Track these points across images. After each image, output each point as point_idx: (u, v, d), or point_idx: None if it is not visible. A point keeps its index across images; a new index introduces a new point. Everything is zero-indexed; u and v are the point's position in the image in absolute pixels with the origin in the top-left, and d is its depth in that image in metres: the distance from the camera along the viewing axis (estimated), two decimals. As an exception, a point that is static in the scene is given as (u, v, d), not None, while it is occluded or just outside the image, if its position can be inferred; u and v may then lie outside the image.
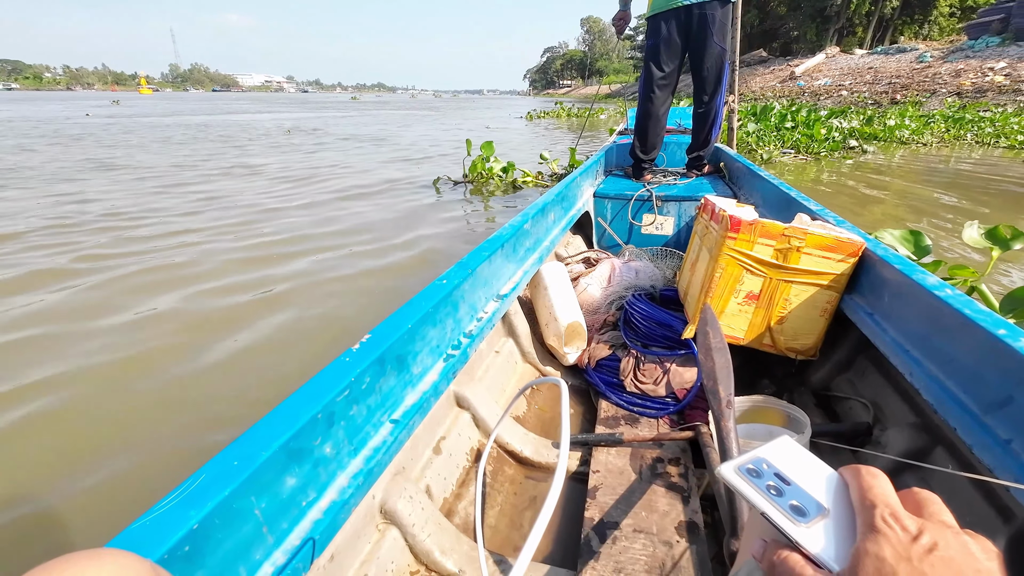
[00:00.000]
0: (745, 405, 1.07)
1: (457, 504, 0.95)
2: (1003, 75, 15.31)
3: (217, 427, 1.52)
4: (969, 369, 0.72)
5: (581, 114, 18.53)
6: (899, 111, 12.35)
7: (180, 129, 12.66)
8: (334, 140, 10.25)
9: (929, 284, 0.84)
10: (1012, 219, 3.76)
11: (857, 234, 1.12)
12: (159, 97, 59.09)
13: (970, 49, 18.91)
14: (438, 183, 5.31)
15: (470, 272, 1.02)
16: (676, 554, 0.82)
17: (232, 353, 1.94)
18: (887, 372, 1.04)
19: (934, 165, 6.43)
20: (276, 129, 13.06)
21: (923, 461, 0.83)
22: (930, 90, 16.43)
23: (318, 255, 3.03)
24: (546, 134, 11.81)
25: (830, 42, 29.44)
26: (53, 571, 0.29)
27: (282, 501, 0.56)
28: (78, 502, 1.26)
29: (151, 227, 3.59)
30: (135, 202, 4.36)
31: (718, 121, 2.52)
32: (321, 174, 5.94)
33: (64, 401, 1.63)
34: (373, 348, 0.72)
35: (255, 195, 4.70)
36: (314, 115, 20.51)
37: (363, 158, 7.46)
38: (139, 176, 5.71)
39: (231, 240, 3.31)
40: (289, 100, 50.15)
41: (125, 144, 9.07)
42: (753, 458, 0.35)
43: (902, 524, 0.28)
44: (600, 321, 1.52)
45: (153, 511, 0.45)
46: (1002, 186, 5.03)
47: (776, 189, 1.72)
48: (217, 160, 7.06)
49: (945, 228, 3.53)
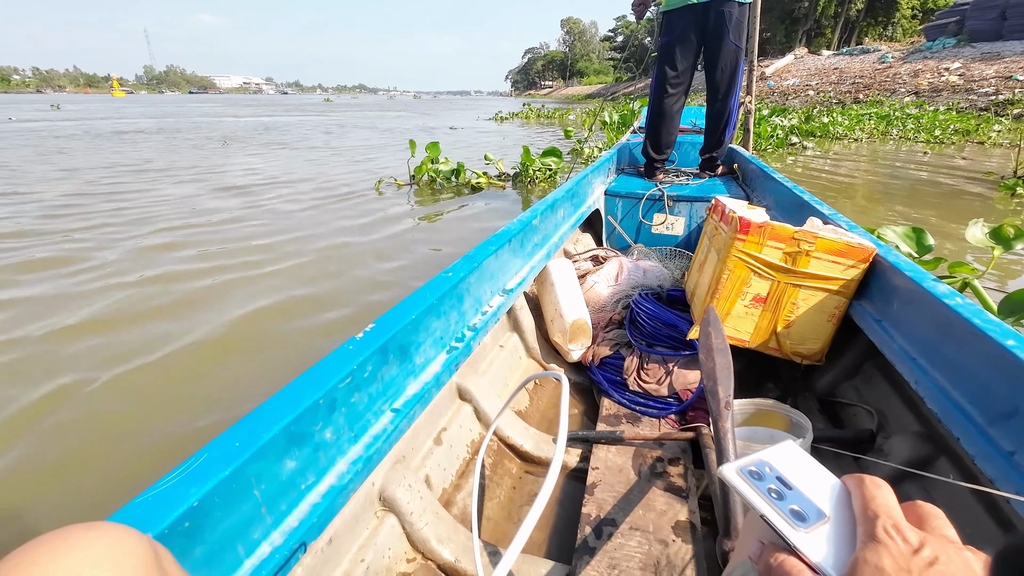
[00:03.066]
0: (748, 408, 1.06)
1: (456, 495, 0.96)
2: (957, 75, 16.20)
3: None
4: (976, 379, 0.71)
5: (551, 114, 18.44)
6: (843, 110, 13.77)
7: (102, 137, 10.68)
8: (265, 145, 9.18)
9: (939, 293, 0.82)
10: (911, 201, 4.47)
11: (869, 239, 1.11)
12: (128, 100, 54.85)
13: (928, 50, 20.04)
14: (380, 185, 5.09)
15: (476, 265, 1.03)
16: (671, 553, 0.82)
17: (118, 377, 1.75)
18: (893, 380, 1.03)
19: (862, 158, 7.37)
20: (236, 128, 12.42)
21: (925, 470, 0.82)
22: (890, 89, 17.20)
23: (221, 275, 2.67)
24: (510, 134, 11.57)
25: (799, 43, 29.96)
26: (52, 543, 0.30)
27: (282, 483, 0.57)
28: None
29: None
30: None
31: (732, 122, 2.49)
32: (254, 180, 5.46)
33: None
34: (377, 337, 0.73)
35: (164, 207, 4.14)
36: (274, 119, 18.75)
37: (305, 163, 6.99)
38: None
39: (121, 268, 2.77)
40: (259, 102, 47.02)
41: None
42: (756, 460, 0.35)
43: (904, 536, 0.28)
44: (606, 319, 1.52)
45: (154, 488, 0.46)
46: (910, 173, 5.90)
47: (789, 192, 1.70)
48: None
49: (859, 207, 4.23)
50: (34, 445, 1.46)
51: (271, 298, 2.42)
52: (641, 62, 54.54)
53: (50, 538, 0.30)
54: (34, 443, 1.47)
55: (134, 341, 2.01)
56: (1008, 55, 16.33)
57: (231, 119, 18.13)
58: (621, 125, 8.79)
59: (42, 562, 0.28)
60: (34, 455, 1.43)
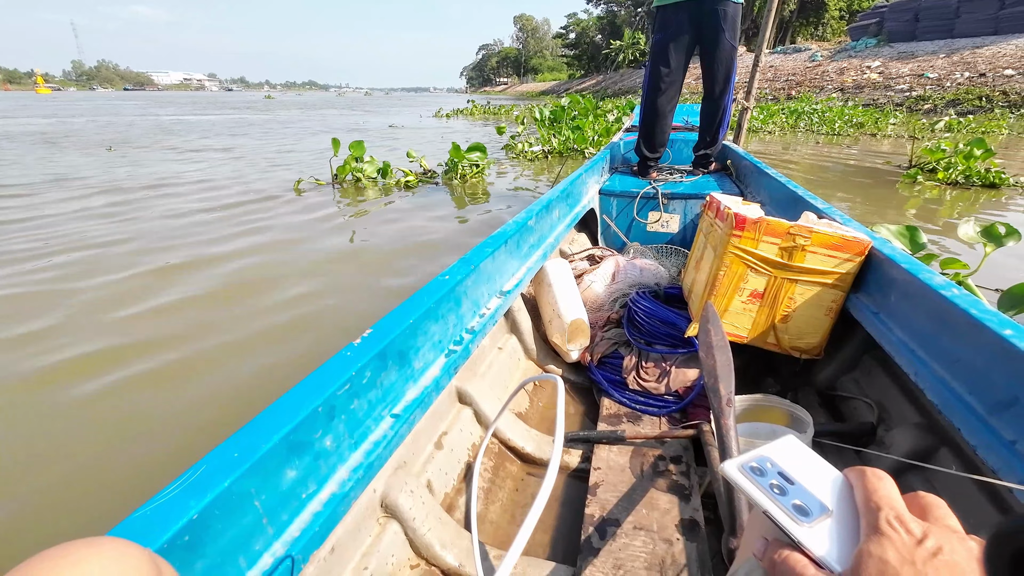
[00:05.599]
0: (748, 404, 1.06)
1: (458, 499, 0.96)
2: (877, 73, 17.82)
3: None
4: (975, 370, 0.71)
5: (496, 111, 18.22)
6: (763, 106, 14.95)
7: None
8: (166, 149, 7.91)
9: (936, 284, 0.83)
10: (833, 188, 4.75)
11: (864, 233, 1.11)
12: (52, 98, 49.45)
13: (852, 49, 21.65)
14: (299, 185, 4.79)
15: (473, 268, 1.03)
16: (676, 552, 0.81)
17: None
18: (892, 372, 1.03)
19: (772, 148, 8.09)
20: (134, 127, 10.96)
21: (927, 462, 0.83)
22: (819, 86, 18.61)
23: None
24: (450, 131, 11.27)
25: (739, 42, 31.30)
26: (53, 558, 0.29)
27: (282, 493, 0.56)
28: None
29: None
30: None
31: (726, 119, 2.49)
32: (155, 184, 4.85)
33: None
34: (375, 343, 0.73)
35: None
36: (198, 118, 16.62)
37: (208, 165, 6.21)
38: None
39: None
40: (194, 100, 41.93)
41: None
42: (757, 456, 0.35)
43: (907, 527, 0.28)
44: (604, 318, 1.52)
45: (153, 501, 0.46)
46: (822, 163, 6.45)
47: (783, 187, 1.70)
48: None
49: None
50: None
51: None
52: (593, 59, 55.40)
53: (51, 554, 0.30)
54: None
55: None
56: (921, 54, 18.03)
57: (151, 118, 16.31)
58: (552, 121, 8.81)
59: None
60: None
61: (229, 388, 1.66)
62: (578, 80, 55.69)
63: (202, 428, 1.48)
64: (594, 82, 45.32)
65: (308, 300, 2.30)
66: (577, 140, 6.98)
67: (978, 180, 4.69)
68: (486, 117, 16.69)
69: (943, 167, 4.94)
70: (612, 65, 46.15)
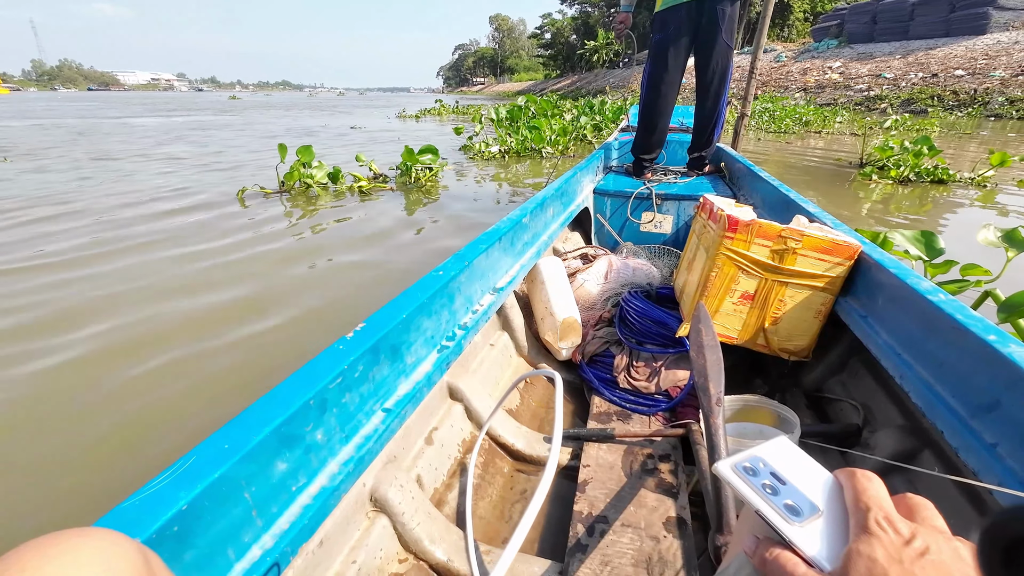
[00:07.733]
0: (737, 404, 1.07)
1: (447, 494, 0.96)
2: (838, 73, 18.44)
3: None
4: (959, 373, 0.73)
5: (465, 110, 18.03)
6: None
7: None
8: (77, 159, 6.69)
9: (923, 289, 0.84)
10: (791, 184, 4.74)
11: (854, 237, 1.13)
12: (10, 98, 46.48)
13: (815, 50, 22.33)
14: (243, 195, 4.39)
15: (467, 264, 1.03)
16: (663, 548, 0.82)
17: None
18: (878, 375, 1.05)
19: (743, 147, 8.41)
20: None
21: (910, 463, 0.84)
22: (784, 86, 19.29)
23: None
24: (412, 132, 10.91)
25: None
26: (40, 548, 0.29)
27: (272, 485, 0.56)
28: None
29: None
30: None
31: (721, 121, 2.50)
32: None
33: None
34: (367, 337, 0.72)
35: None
36: (143, 120, 15.55)
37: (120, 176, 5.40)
38: None
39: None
40: (153, 100, 39.73)
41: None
42: (750, 456, 0.36)
43: (895, 527, 0.29)
44: (595, 317, 1.52)
45: (142, 491, 0.45)
46: (778, 159, 6.61)
47: (776, 191, 1.72)
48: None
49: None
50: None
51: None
52: (568, 59, 55.35)
53: (38, 544, 0.29)
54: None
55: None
56: (878, 55, 18.72)
57: (93, 120, 15.30)
58: (510, 121, 8.68)
59: (30, 568, 0.27)
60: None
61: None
62: (554, 80, 55.69)
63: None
64: (569, 82, 45.44)
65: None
66: (535, 139, 6.88)
67: (927, 176, 4.87)
68: (456, 117, 16.37)
69: (894, 165, 5.09)
70: (587, 65, 46.14)
